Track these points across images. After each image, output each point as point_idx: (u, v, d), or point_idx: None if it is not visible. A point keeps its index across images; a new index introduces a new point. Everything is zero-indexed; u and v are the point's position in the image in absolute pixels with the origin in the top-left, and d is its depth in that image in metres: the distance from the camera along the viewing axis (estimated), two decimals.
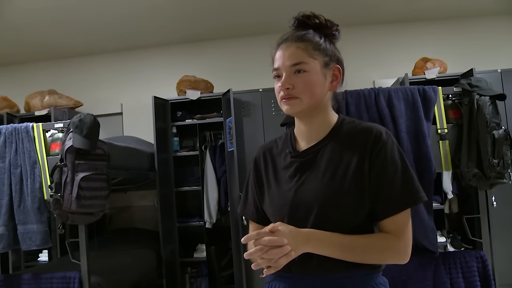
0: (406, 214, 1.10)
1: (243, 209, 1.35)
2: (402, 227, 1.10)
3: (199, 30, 4.56)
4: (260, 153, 1.33)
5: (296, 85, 1.13)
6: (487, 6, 4.31)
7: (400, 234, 1.09)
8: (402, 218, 1.10)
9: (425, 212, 2.42)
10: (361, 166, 1.10)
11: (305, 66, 1.14)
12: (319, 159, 1.17)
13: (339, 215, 1.10)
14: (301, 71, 1.14)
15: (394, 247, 1.09)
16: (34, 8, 3.74)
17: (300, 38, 1.17)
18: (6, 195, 2.57)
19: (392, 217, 1.09)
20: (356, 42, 4.48)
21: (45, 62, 5.01)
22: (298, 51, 1.15)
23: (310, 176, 1.16)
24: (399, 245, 1.09)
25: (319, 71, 1.15)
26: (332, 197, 1.10)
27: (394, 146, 1.13)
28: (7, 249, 2.61)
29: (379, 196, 1.10)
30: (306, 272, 1.13)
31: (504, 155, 2.42)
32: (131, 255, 3.61)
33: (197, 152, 4.17)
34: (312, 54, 1.15)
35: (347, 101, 2.55)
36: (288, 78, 1.14)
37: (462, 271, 2.47)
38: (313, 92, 1.14)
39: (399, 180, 1.10)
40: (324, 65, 1.17)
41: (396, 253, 1.10)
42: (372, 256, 1.09)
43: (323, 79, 1.16)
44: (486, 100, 2.46)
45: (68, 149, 2.44)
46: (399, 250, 1.09)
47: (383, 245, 1.09)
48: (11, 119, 4.19)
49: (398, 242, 1.09)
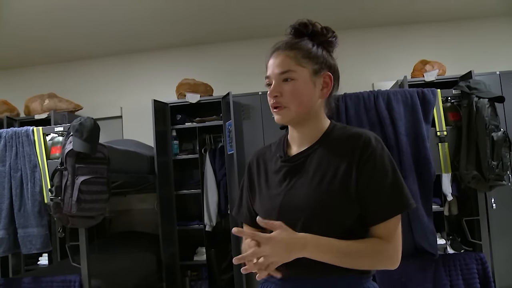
0: (396, 220, 1.11)
1: (237, 212, 1.39)
2: (392, 232, 1.10)
3: (198, 33, 4.57)
4: (254, 158, 1.35)
5: (284, 93, 1.15)
6: (485, 8, 4.32)
7: (390, 239, 1.10)
8: (392, 224, 1.10)
9: (424, 215, 2.42)
10: (349, 172, 1.11)
11: (292, 74, 1.15)
12: (308, 164, 1.18)
13: (327, 220, 1.11)
14: (288, 79, 1.15)
15: (385, 252, 1.10)
16: (34, 12, 3.75)
17: (291, 46, 1.18)
18: (6, 199, 2.58)
19: (382, 223, 1.10)
20: (355, 44, 4.50)
21: (45, 65, 5.02)
22: (287, 59, 1.16)
23: (299, 181, 1.17)
24: (389, 249, 1.10)
25: (307, 79, 1.16)
26: (320, 201, 1.11)
27: (384, 153, 1.13)
28: (8, 252, 2.61)
29: (368, 202, 1.10)
30: (297, 275, 1.14)
31: (503, 157, 2.43)
32: (131, 258, 3.60)
33: (197, 155, 4.18)
34: (300, 62, 1.16)
35: (347, 104, 2.56)
36: (277, 86, 1.16)
37: (462, 273, 2.47)
38: (301, 100, 1.15)
39: (388, 186, 1.10)
40: (314, 72, 1.17)
41: (386, 258, 1.10)
42: (367, 261, 1.10)
43: (311, 87, 1.17)
44: (485, 103, 2.47)
45: (68, 153, 2.44)
46: (390, 255, 1.10)
47: (376, 250, 1.09)
48: (11, 123, 4.19)
49: (388, 246, 1.09)
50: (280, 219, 1.16)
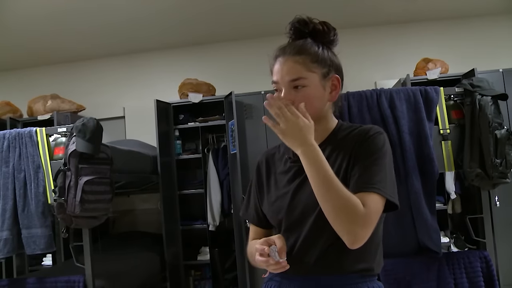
0: (374, 198, 1.05)
1: (245, 212, 1.39)
2: (368, 205, 1.03)
3: (200, 33, 4.57)
4: (263, 158, 1.35)
5: (296, 101, 1.12)
6: (488, 5, 4.30)
7: (366, 207, 1.02)
8: (371, 200, 1.04)
9: (428, 213, 2.42)
10: (348, 163, 1.12)
11: (304, 81, 1.14)
12: None
13: None
14: (299, 87, 1.14)
15: (358, 210, 1.01)
16: (37, 14, 3.76)
17: (298, 51, 1.16)
18: (10, 200, 2.58)
19: (361, 193, 1.05)
20: (358, 43, 4.49)
21: (48, 66, 5.03)
22: (296, 65, 1.14)
23: (307, 180, 1.16)
24: (362, 212, 1.01)
25: (318, 84, 1.16)
26: None
27: (380, 139, 1.13)
28: (12, 253, 2.61)
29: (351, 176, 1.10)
30: (301, 273, 1.14)
31: (507, 155, 2.43)
32: (135, 258, 3.61)
33: (200, 155, 4.18)
34: (310, 68, 1.15)
35: (349, 103, 2.55)
36: (288, 93, 1.14)
37: (466, 271, 2.47)
38: (313, 106, 1.14)
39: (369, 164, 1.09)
40: (323, 76, 1.17)
41: (355, 215, 1.01)
42: (339, 203, 1.01)
43: (322, 92, 1.17)
44: (488, 100, 2.47)
45: (72, 153, 2.45)
46: (360, 216, 1.01)
47: (351, 201, 1.01)
48: (14, 124, 4.20)
49: (363, 210, 1.01)
50: (288, 217, 1.17)
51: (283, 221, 1.19)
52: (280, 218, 1.20)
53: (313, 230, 1.10)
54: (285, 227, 1.19)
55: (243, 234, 3.65)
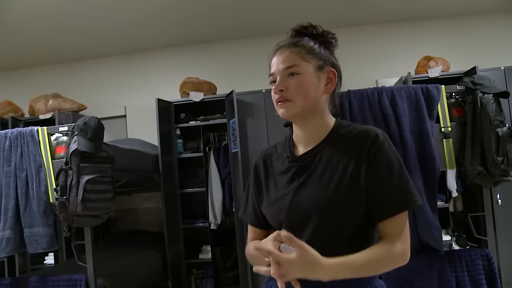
0: (403, 216, 1.10)
1: (243, 213, 1.37)
2: (400, 229, 1.09)
3: (201, 32, 4.57)
4: (260, 158, 1.34)
5: (289, 87, 1.14)
6: (490, 3, 4.30)
7: (400, 235, 1.08)
8: (399, 221, 1.09)
9: (429, 211, 2.41)
10: (358, 170, 1.11)
11: (298, 68, 1.15)
12: (316, 163, 1.17)
13: (337, 219, 1.10)
14: (294, 74, 1.15)
15: (398, 252, 1.07)
16: (38, 13, 3.76)
17: (294, 44, 1.19)
18: (12, 199, 2.59)
19: (389, 219, 1.09)
20: (359, 41, 4.49)
21: (49, 66, 5.04)
22: (292, 55, 1.17)
23: (308, 181, 1.16)
24: (400, 248, 1.08)
25: (312, 74, 1.16)
26: (329, 201, 1.10)
27: (390, 149, 1.13)
28: (14, 252, 2.62)
29: (375, 198, 1.10)
30: None
31: (508, 153, 2.42)
32: (136, 257, 3.62)
33: (201, 153, 4.18)
34: (305, 58, 1.16)
35: (350, 101, 2.55)
36: (282, 81, 1.16)
37: (467, 269, 2.46)
38: (307, 94, 1.15)
39: (395, 183, 1.10)
40: (318, 68, 1.18)
41: (399, 258, 1.08)
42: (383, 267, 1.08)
43: (317, 82, 1.17)
44: (489, 98, 2.46)
45: (73, 152, 2.45)
46: (402, 254, 1.08)
47: (390, 255, 1.07)
48: (16, 123, 4.22)
49: (399, 246, 1.08)
50: (288, 219, 1.16)
51: (284, 223, 1.18)
52: (280, 220, 1.19)
53: (315, 231, 1.10)
54: (286, 229, 1.18)
55: (245, 232, 3.63)
